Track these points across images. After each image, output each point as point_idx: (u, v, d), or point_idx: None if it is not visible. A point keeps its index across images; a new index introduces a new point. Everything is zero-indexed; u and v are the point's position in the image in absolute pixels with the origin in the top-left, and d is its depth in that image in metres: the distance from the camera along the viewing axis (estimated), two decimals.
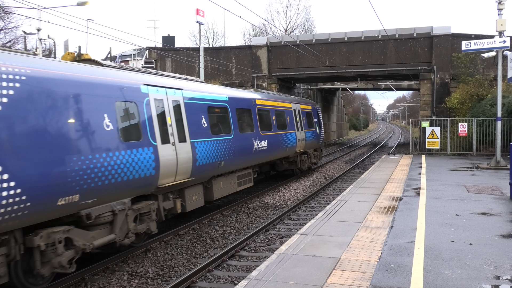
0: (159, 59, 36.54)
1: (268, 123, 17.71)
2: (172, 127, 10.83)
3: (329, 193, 18.83)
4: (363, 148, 45.92)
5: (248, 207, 15.75)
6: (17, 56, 7.28)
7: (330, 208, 11.72)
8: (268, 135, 17.19)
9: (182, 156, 11.00)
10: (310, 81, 43.42)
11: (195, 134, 11.80)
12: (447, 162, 22.56)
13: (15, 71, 6.97)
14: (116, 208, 8.81)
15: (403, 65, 31.72)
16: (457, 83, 30.53)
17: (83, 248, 8.08)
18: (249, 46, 35.97)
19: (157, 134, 10.10)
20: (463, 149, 26.45)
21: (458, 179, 16.57)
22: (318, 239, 8.69)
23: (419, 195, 13.31)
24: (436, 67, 31.01)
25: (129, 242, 9.35)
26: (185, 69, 35.88)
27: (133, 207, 9.47)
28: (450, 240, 8.39)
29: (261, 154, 16.38)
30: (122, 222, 9.09)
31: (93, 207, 8.21)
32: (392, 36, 31.71)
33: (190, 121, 11.70)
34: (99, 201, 8.28)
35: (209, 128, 12.66)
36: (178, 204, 11.40)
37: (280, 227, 12.93)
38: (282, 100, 20.11)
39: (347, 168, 27.44)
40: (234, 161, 14.08)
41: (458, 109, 29.49)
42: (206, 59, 34.43)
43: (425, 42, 31.70)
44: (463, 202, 12.21)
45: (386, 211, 11.13)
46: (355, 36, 33.30)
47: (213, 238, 11.80)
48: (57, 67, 7.91)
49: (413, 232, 8.97)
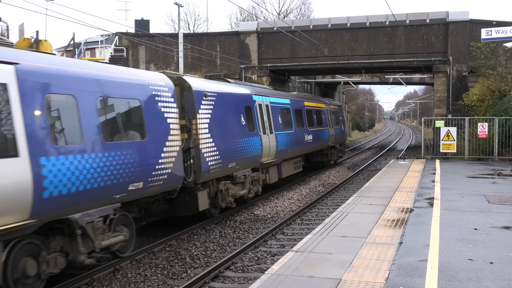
0: (131, 46, 36.40)
1: (312, 121, 25.85)
2: (266, 123, 18.37)
3: (328, 203, 18.86)
4: (368, 151, 46.13)
5: (234, 219, 15.73)
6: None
7: (329, 221, 11.74)
8: (312, 130, 25.36)
9: (272, 143, 18.64)
10: (307, 73, 43.49)
11: (276, 128, 19.53)
12: (464, 168, 22.73)
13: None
14: (247, 174, 16.69)
15: (414, 56, 31.93)
16: (476, 76, 30.75)
17: (235, 195, 15.91)
18: (237, 33, 35.97)
19: (261, 128, 17.78)
20: (483, 153, 26.65)
21: (477, 188, 16.70)
22: (315, 257, 8.69)
23: (432, 206, 13.38)
24: (452, 58, 31.25)
25: (251, 196, 17.48)
26: (161, 59, 35.79)
27: (251, 175, 17.13)
28: (468, 259, 8.44)
29: (309, 145, 24.63)
30: (248, 183, 16.97)
31: (238, 171, 16.04)
32: (401, 22, 31.91)
33: (273, 119, 19.44)
34: (241, 168, 16.13)
35: (282, 124, 20.50)
36: (267, 177, 18.95)
37: (271, 243, 12.92)
38: (319, 102, 29.16)
39: (349, 174, 27.53)
40: (294, 150, 22.01)
41: (477, 107, 29.69)
42: (186, 47, 34.35)
43: (440, 29, 31.94)
44: (483, 214, 12.29)
45: (394, 224, 11.17)
46: (359, 21, 33.45)
47: (193, 256, 11.76)
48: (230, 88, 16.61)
49: (425, 249, 9.01)
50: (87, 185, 9.18)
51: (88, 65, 10.39)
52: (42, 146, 8.39)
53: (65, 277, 9.94)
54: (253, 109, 17.44)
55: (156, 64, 35.74)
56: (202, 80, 15.35)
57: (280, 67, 35.03)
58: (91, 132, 9.56)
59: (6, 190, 7.66)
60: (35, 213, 8.18)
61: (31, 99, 8.32)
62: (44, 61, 8.99)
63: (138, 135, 11.13)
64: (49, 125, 8.62)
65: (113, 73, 10.82)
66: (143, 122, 11.29)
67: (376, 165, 32.62)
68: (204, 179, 13.89)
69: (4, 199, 7.63)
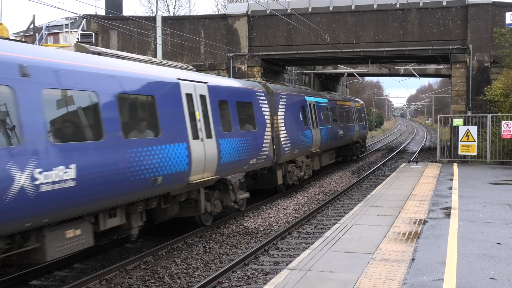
0: (101, 31, 36.27)
1: (343, 118, 33.82)
2: (314, 119, 25.94)
3: (329, 214, 18.90)
4: (375, 153, 46.28)
5: (221, 232, 15.72)
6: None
7: (331, 234, 11.75)
8: (343, 126, 33.09)
9: (318, 136, 26.01)
10: (305, 63, 43.48)
11: (320, 124, 26.89)
12: (486, 173, 22.86)
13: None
14: (303, 159, 23.98)
15: (429, 44, 32.04)
16: (500, 68, 30.81)
17: (297, 175, 23.36)
18: (224, 16, 35.93)
19: (310, 123, 25.00)
20: (507, 156, 26.81)
21: (501, 196, 16.79)
22: (314, 276, 8.70)
23: (449, 217, 13.44)
24: (472, 47, 31.37)
25: (306, 177, 24.91)
26: (136, 45, 35.68)
27: (305, 161, 24.29)
28: (490, 278, 8.47)
29: (340, 139, 32.28)
30: (304, 167, 24.01)
31: (298, 157, 23.28)
32: (414, 4, 31.99)
33: (318, 116, 26.78)
34: (300, 154, 23.37)
35: (323, 120, 27.99)
36: (312, 164, 25.74)
37: (263, 260, 12.92)
38: (346, 100, 38.08)
39: (353, 180, 27.61)
40: (331, 142, 29.81)
41: (501, 103, 29.76)
42: (166, 33, 34.29)
43: (458, 13, 32.07)
44: (508, 226, 12.36)
45: (405, 238, 11.20)
46: (366, 3, 33.48)
47: (173, 275, 11.73)
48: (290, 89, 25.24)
49: (441, 267, 9.04)
50: (237, 158, 16.90)
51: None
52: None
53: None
54: (306, 108, 24.95)
55: (131, 51, 35.50)
56: (276, 85, 23.26)
57: (274, 56, 34.98)
58: (236, 124, 17.43)
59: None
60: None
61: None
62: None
63: (252, 127, 18.61)
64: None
65: (233, 84, 18.80)
66: (254, 118, 18.80)
67: (384, 170, 32.73)
68: (281, 161, 21.13)
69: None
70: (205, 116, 15.17)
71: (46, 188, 9.00)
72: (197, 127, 14.56)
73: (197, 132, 14.51)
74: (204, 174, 14.75)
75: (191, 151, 13.95)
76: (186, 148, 13.75)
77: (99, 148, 10.54)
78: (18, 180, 8.47)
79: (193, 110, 14.50)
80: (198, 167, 14.27)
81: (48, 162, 9.10)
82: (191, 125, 14.19)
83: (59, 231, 9.84)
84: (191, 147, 13.97)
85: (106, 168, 10.68)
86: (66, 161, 9.52)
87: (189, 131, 14.04)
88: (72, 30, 42.08)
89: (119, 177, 11.19)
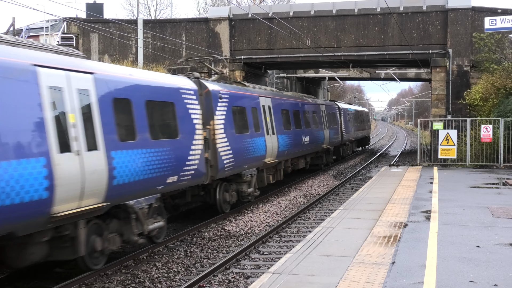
0: (82, 34, 36.06)
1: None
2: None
3: (311, 217, 18.91)
4: (356, 157, 46.45)
5: (202, 236, 15.66)
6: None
7: (312, 237, 11.75)
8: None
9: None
10: (287, 67, 43.60)
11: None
12: (466, 177, 23.02)
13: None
14: (253, 173, 20.49)
15: (409, 48, 32.25)
16: (479, 72, 31.07)
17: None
18: (205, 19, 35.92)
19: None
20: (486, 160, 26.98)
21: (480, 199, 16.91)
22: (295, 279, 8.69)
23: (429, 220, 13.51)
24: (452, 51, 31.63)
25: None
26: (117, 49, 35.52)
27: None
28: (470, 280, 8.53)
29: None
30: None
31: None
32: (395, 9, 32.23)
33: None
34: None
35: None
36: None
37: (245, 264, 12.90)
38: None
39: (334, 184, 27.66)
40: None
41: (480, 107, 29.99)
42: (147, 36, 34.19)
43: (438, 17, 32.34)
44: (487, 229, 12.45)
45: (386, 241, 11.24)
46: (347, 8, 33.67)
47: (153, 279, 11.67)
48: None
49: (421, 270, 9.08)
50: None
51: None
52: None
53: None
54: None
55: (112, 55, 35.44)
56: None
57: (255, 59, 35.06)
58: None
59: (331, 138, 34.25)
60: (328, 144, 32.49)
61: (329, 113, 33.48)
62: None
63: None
64: (327, 121, 34.56)
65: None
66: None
67: (365, 173, 32.85)
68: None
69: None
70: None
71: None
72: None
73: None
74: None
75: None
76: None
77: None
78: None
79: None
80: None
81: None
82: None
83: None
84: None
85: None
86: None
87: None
88: (53, 33, 41.76)
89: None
